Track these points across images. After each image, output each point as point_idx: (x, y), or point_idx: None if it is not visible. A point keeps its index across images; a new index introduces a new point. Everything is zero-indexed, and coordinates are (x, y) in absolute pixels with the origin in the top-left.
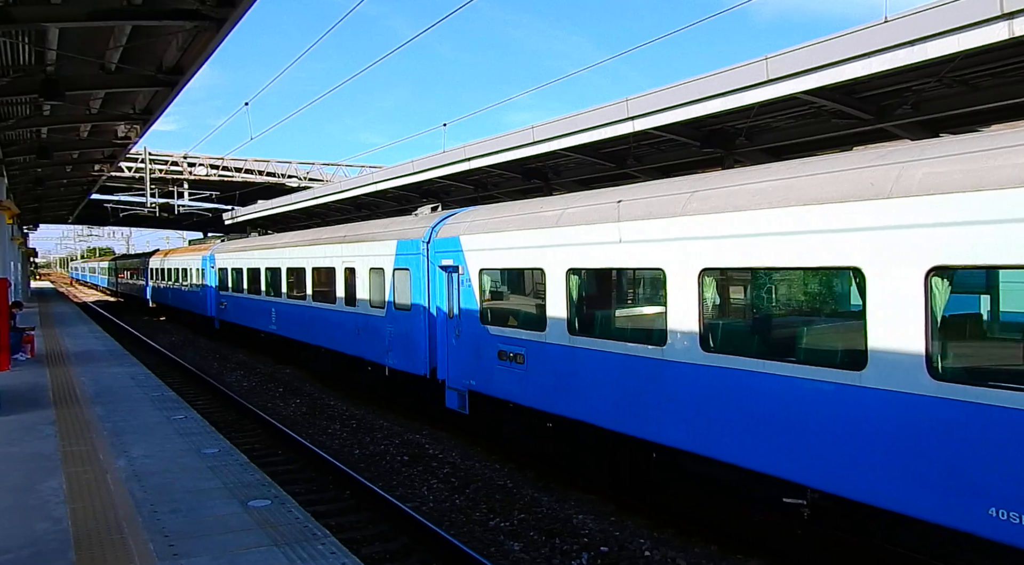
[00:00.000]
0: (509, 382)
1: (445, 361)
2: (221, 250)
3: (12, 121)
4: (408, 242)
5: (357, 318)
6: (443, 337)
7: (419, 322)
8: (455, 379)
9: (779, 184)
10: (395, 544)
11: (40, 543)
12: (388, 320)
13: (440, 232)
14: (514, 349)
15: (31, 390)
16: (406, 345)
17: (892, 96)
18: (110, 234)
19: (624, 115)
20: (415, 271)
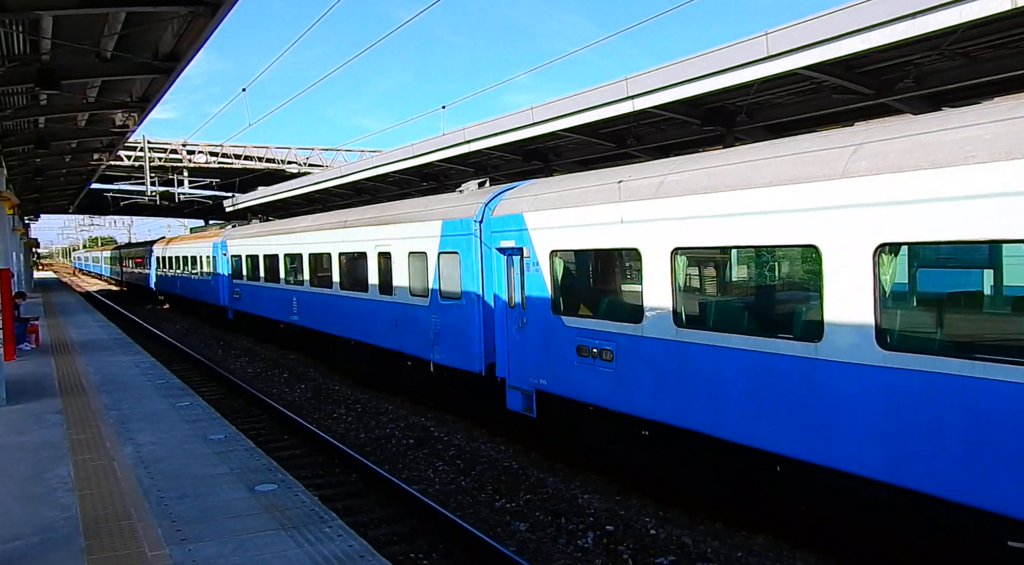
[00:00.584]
0: (592, 382)
1: (505, 357)
2: (234, 236)
3: (9, 111)
4: (456, 222)
5: (394, 308)
6: (502, 330)
7: (471, 312)
8: (518, 377)
9: None
10: (402, 526)
11: (50, 530)
12: (433, 310)
13: (496, 210)
14: (599, 344)
15: (37, 380)
16: (456, 339)
17: (893, 70)
18: (111, 223)
19: (624, 94)
20: (465, 255)
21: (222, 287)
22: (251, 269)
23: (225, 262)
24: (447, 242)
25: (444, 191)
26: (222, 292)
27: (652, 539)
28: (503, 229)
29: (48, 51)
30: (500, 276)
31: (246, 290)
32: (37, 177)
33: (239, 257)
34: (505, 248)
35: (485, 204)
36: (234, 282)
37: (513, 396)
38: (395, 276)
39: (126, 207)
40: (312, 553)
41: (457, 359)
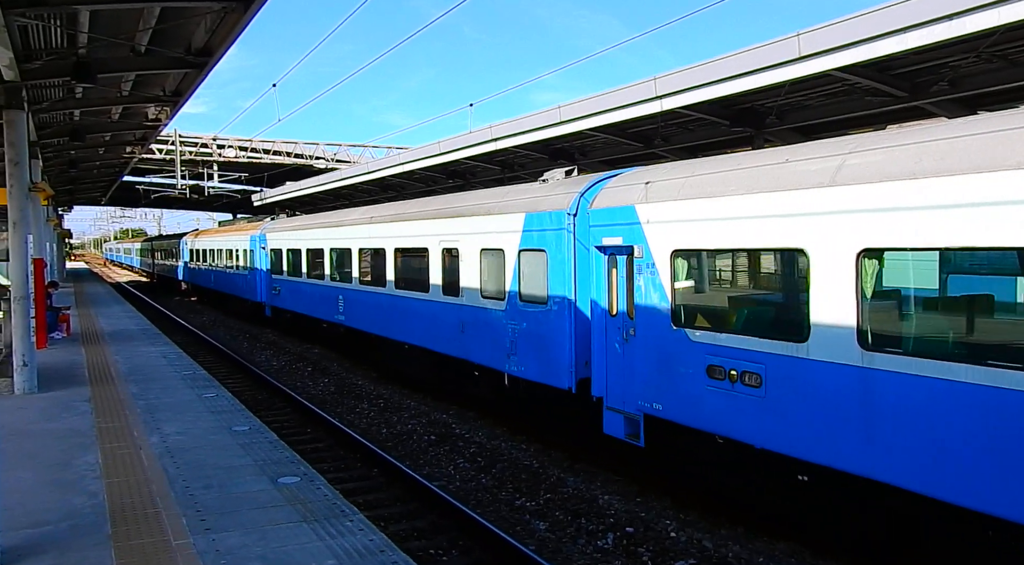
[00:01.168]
0: (729, 411)
1: (603, 373)
2: (273, 229)
3: (46, 104)
4: (543, 215)
5: (461, 311)
6: (600, 342)
7: (560, 320)
8: (621, 398)
9: None
10: (422, 522)
11: (77, 516)
12: (510, 315)
13: (597, 201)
14: (740, 365)
15: (67, 368)
16: (539, 349)
17: (928, 72)
18: (142, 215)
19: (652, 94)
20: (555, 252)
21: (260, 283)
22: (292, 264)
23: (264, 256)
24: (531, 238)
25: (470, 188)
26: (260, 287)
27: (672, 542)
28: (606, 224)
29: (84, 45)
30: (599, 278)
31: (286, 286)
32: (71, 169)
33: (279, 251)
34: (608, 246)
35: (580, 195)
36: (273, 277)
37: (613, 420)
38: (463, 275)
39: (156, 200)
40: (333, 546)
41: (540, 372)
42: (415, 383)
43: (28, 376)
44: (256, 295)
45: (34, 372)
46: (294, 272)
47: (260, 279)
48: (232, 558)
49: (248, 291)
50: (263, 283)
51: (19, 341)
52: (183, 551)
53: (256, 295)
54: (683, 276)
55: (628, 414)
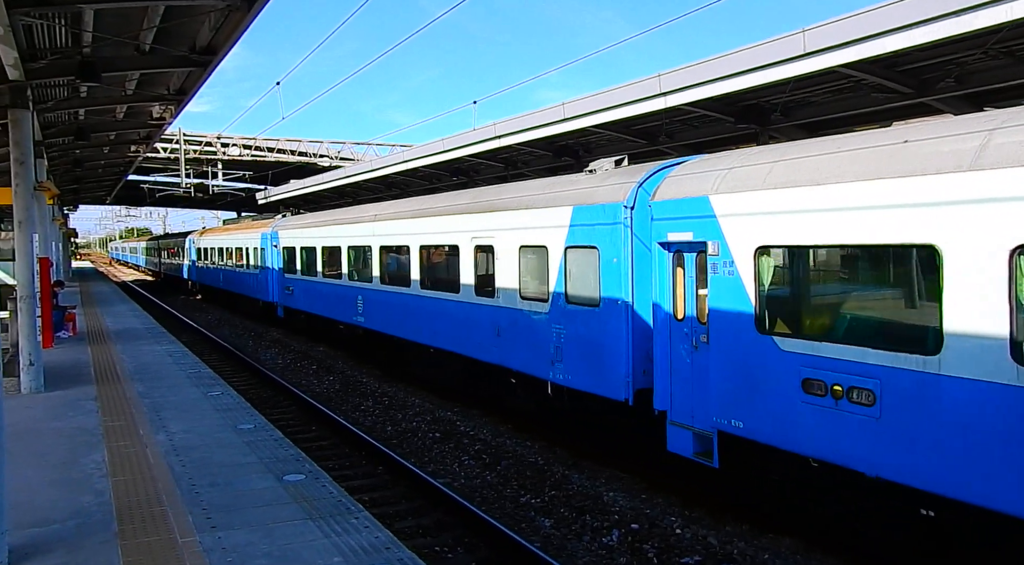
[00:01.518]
0: (830, 432)
1: (666, 384)
2: (286, 226)
3: (51, 103)
4: (594, 208)
5: (497, 313)
6: (663, 348)
7: (615, 323)
8: (690, 412)
9: None
10: (427, 519)
11: (84, 515)
12: (555, 318)
13: (661, 192)
14: (847, 380)
15: (74, 367)
16: (590, 356)
17: (935, 69)
18: (147, 214)
19: (656, 91)
20: (608, 249)
21: (271, 282)
22: (307, 263)
23: (276, 254)
24: (580, 234)
25: (471, 186)
26: (271, 287)
27: (677, 539)
28: (671, 217)
29: (89, 44)
30: (661, 278)
31: (300, 286)
32: (76, 168)
33: (292, 249)
34: (674, 242)
35: (639, 186)
36: (286, 276)
37: (679, 436)
38: (499, 274)
39: (161, 199)
40: (339, 543)
41: (590, 382)
42: (444, 389)
43: (35, 375)
44: (268, 295)
45: (40, 371)
46: (308, 271)
47: (272, 278)
48: (238, 556)
49: (259, 291)
50: (275, 283)
51: (25, 340)
52: (189, 549)
53: (268, 295)
54: (771, 276)
55: (698, 431)
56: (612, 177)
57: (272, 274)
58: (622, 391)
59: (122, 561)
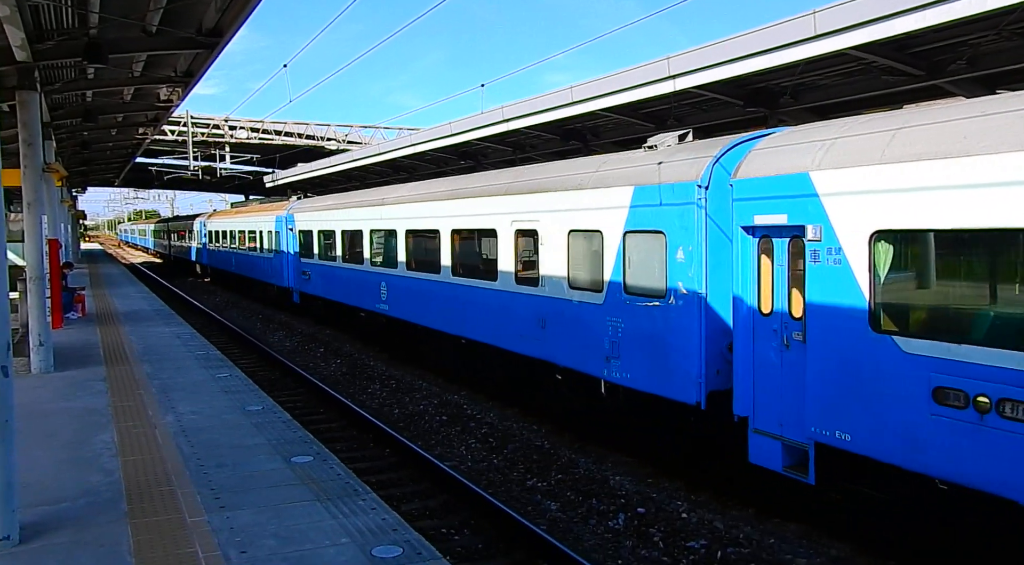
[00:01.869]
0: (973, 452)
1: (748, 386)
2: (302, 209)
3: (58, 85)
4: (660, 188)
5: (541, 304)
6: (745, 346)
7: (685, 317)
8: (778, 420)
9: None
10: (434, 502)
11: (94, 494)
12: (610, 310)
13: (744, 169)
14: (997, 389)
15: (83, 348)
16: (653, 352)
17: (946, 51)
18: (155, 197)
19: (665, 74)
20: (678, 234)
21: (287, 266)
22: (325, 247)
23: (292, 238)
24: (642, 216)
25: (481, 169)
26: (287, 272)
27: (683, 522)
28: (759, 197)
29: (96, 25)
30: (744, 266)
31: (318, 271)
32: (84, 150)
33: (309, 232)
34: (761, 226)
35: (715, 161)
36: (302, 261)
37: (765, 447)
38: (544, 261)
39: (169, 181)
40: (346, 524)
41: (653, 381)
42: (451, 373)
43: (44, 356)
44: (283, 280)
45: (50, 352)
46: (327, 255)
47: (287, 263)
48: (246, 535)
49: (273, 275)
50: (291, 267)
51: (35, 321)
52: (198, 528)
53: (283, 280)
54: (889, 265)
55: (790, 441)
56: (679, 153)
57: (287, 258)
58: (692, 393)
59: (131, 540)
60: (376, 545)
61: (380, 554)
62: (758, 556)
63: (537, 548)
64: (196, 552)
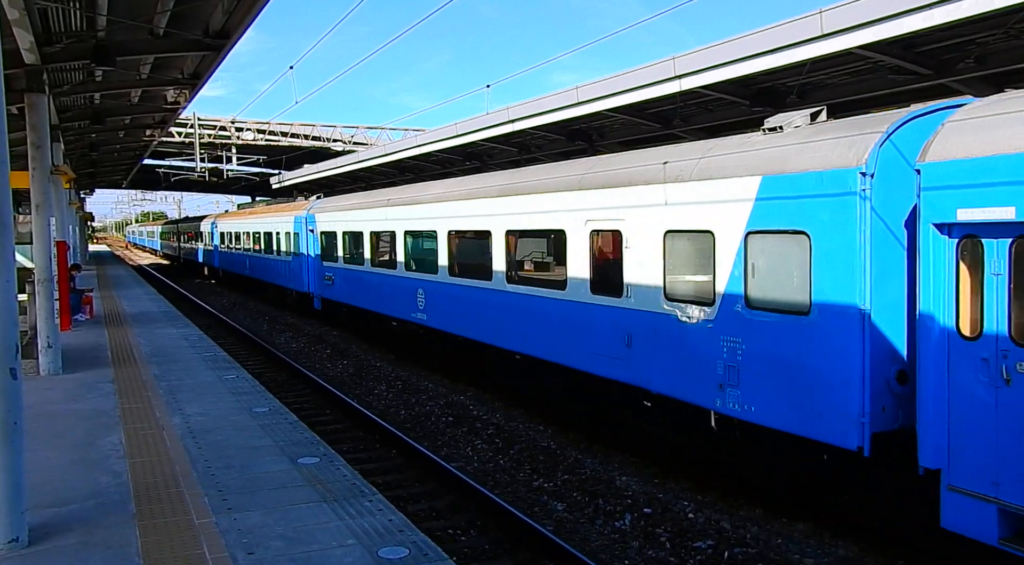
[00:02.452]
0: None
1: (942, 430)
2: (324, 208)
3: (67, 87)
4: (802, 177)
5: (628, 318)
6: (937, 378)
7: (841, 338)
8: (992, 477)
9: None
10: (440, 502)
11: (103, 495)
12: (726, 327)
13: (942, 147)
14: None
15: (91, 349)
16: (791, 381)
17: (954, 49)
18: (162, 198)
19: (671, 74)
20: (829, 234)
21: (307, 270)
22: (351, 250)
23: (312, 240)
24: (774, 213)
25: (486, 170)
26: (307, 276)
27: (690, 523)
28: (968, 185)
29: (104, 28)
30: (936, 275)
31: (343, 275)
32: (92, 152)
33: (332, 234)
34: (968, 223)
35: (885, 139)
36: (324, 265)
37: (969, 510)
38: (631, 268)
39: (176, 183)
40: (352, 525)
41: (790, 417)
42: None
43: (53, 357)
44: (303, 285)
45: (58, 354)
46: (353, 259)
47: (307, 266)
48: (254, 537)
49: (293, 280)
50: (311, 271)
51: (43, 323)
52: (206, 530)
53: (303, 285)
54: None
55: (1012, 507)
56: (823, 133)
57: (308, 262)
58: (851, 435)
59: (140, 541)
60: (383, 546)
61: (387, 555)
62: (765, 556)
63: (543, 549)
64: (204, 553)
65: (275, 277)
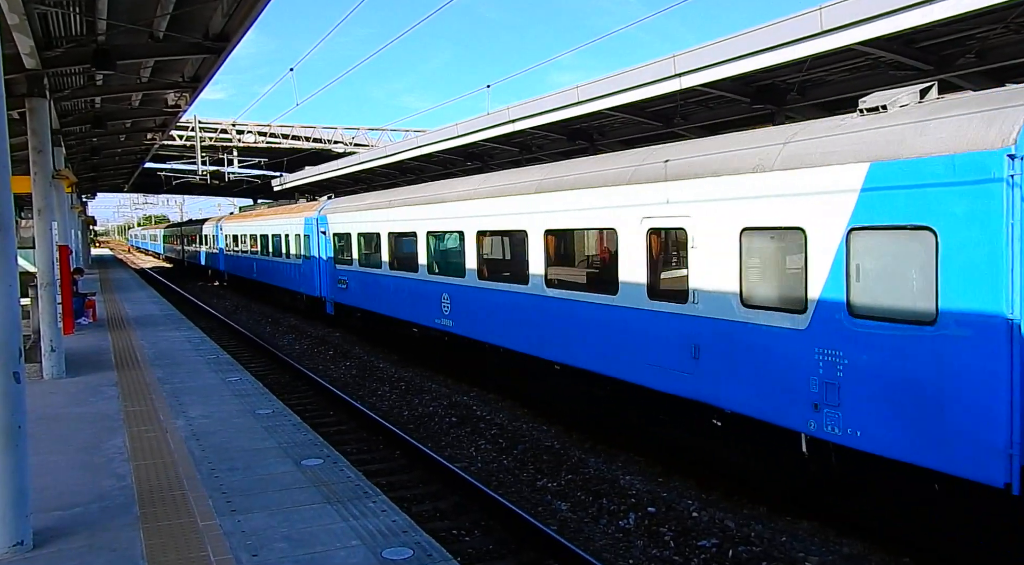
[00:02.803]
0: None
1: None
2: (337, 209)
3: (67, 92)
4: (922, 163)
5: (695, 326)
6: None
7: (979, 353)
8: None
9: None
10: (444, 503)
11: (107, 498)
12: (825, 338)
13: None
14: None
15: (94, 353)
16: (911, 403)
17: (954, 45)
18: (164, 202)
19: (671, 72)
20: (960, 228)
21: (319, 274)
22: (366, 252)
23: (325, 242)
24: (888, 204)
25: (486, 170)
26: (319, 280)
27: (694, 522)
28: None
29: (104, 32)
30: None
31: (357, 279)
32: (93, 156)
33: (346, 236)
34: None
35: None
36: (338, 268)
37: None
38: (699, 269)
39: (178, 186)
40: (356, 527)
41: (911, 445)
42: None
43: (56, 361)
44: (314, 289)
45: (62, 357)
46: (369, 262)
47: (319, 270)
48: (258, 539)
49: (304, 284)
50: (324, 274)
51: (47, 327)
52: (210, 532)
53: (314, 289)
54: None
55: None
56: (947, 110)
57: (319, 265)
58: (996, 469)
59: (144, 544)
60: (387, 547)
61: (390, 556)
62: (770, 554)
63: (548, 549)
64: (208, 556)
65: (285, 281)
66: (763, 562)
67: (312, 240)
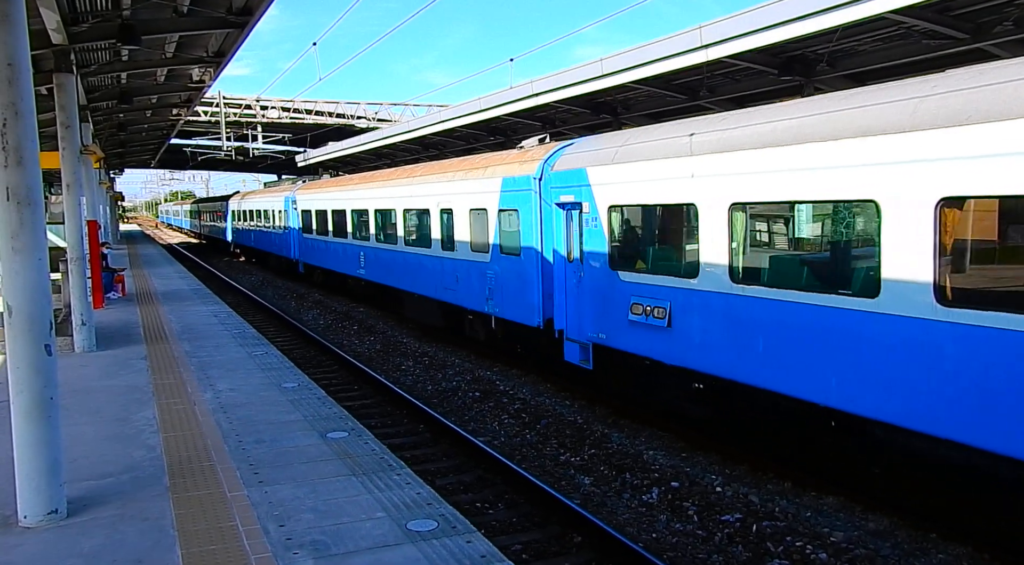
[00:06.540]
0: None
1: None
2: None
3: (94, 67)
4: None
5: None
6: None
7: None
8: None
9: None
10: (468, 476)
11: (137, 469)
12: None
13: None
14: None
15: (124, 327)
16: None
17: (991, 12)
18: (190, 178)
19: (697, 43)
20: None
21: (293, 241)
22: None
23: (295, 216)
24: None
25: (510, 146)
26: (293, 246)
27: (718, 497)
28: None
29: (128, 7)
30: None
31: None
32: (120, 132)
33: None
34: None
35: None
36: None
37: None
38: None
39: (204, 162)
40: (381, 499)
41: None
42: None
43: (87, 335)
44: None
45: (92, 331)
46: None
47: (293, 238)
48: (285, 510)
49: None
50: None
51: (77, 301)
52: (238, 502)
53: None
54: None
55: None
56: None
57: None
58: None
59: (174, 513)
60: (411, 519)
61: (415, 528)
62: (794, 529)
63: (571, 522)
64: (236, 525)
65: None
66: (787, 537)
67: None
